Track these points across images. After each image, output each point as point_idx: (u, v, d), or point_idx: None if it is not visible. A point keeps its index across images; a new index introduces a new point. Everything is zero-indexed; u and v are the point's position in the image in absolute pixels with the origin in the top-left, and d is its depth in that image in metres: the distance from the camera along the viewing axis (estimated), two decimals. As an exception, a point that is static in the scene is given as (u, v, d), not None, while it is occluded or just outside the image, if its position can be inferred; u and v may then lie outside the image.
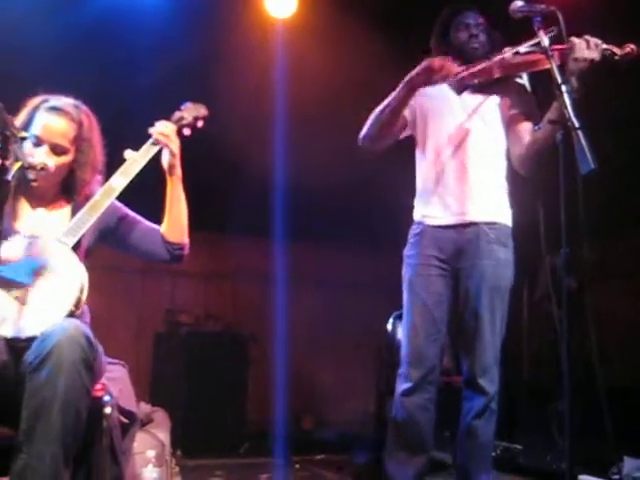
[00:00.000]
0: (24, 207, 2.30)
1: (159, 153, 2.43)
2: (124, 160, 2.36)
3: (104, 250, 2.44)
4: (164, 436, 3.46)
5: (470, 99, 2.75)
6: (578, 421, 2.02)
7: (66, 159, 2.30)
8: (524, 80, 2.78)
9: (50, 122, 2.27)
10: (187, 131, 2.51)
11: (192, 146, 2.52)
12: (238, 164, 4.71)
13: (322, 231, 5.29)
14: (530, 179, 2.70)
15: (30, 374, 1.94)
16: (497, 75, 2.61)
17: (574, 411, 2.00)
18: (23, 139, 1.84)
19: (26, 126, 2.26)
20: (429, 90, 2.71)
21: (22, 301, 2.07)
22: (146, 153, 2.39)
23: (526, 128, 2.69)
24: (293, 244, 5.36)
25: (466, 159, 2.68)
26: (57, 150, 2.26)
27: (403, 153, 2.91)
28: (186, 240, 2.47)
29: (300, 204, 4.96)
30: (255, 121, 4.53)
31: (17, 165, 1.83)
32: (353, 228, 5.40)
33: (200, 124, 2.54)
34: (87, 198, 2.31)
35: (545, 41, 2.26)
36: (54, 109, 2.29)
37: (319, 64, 4.39)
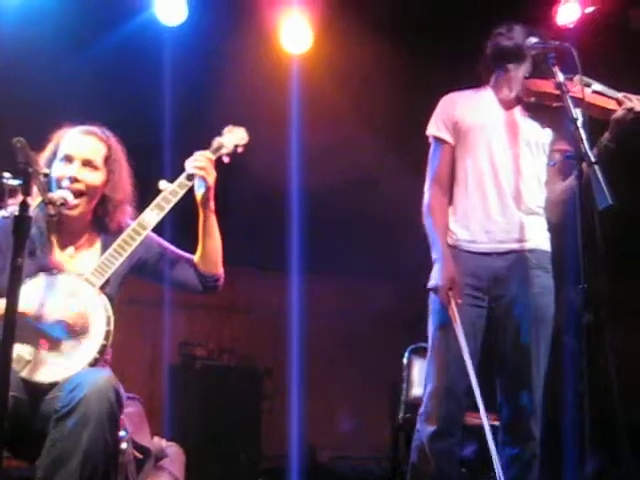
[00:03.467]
0: (54, 246, 2.26)
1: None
2: (158, 192, 2.28)
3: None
4: (178, 471, 3.43)
5: (520, 118, 2.59)
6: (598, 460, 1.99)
7: (98, 176, 2.24)
8: None
9: (80, 139, 2.26)
10: (226, 159, 2.41)
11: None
12: (254, 198, 4.74)
13: (337, 264, 5.28)
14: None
15: (55, 422, 1.94)
16: (558, 105, 2.39)
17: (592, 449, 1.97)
18: (45, 175, 1.84)
19: (54, 154, 2.24)
20: (472, 101, 2.60)
21: (46, 346, 2.05)
22: (180, 188, 2.29)
23: (562, 170, 2.57)
24: (307, 277, 5.35)
25: (509, 185, 2.53)
26: (89, 166, 2.22)
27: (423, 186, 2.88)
28: (220, 271, 2.40)
29: (315, 237, 4.96)
30: (272, 155, 4.56)
31: (37, 201, 1.84)
32: (368, 261, 5.39)
33: (240, 150, 2.44)
34: (119, 227, 2.27)
35: (560, 76, 2.27)
36: (82, 131, 2.28)
37: (335, 99, 4.43)
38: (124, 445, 2.12)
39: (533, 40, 2.43)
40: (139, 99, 4.17)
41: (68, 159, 2.21)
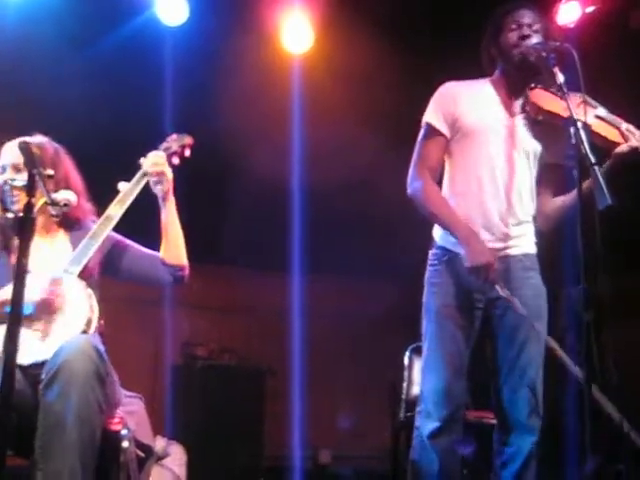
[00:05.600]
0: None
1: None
2: (118, 192, 2.46)
3: (119, 282, 2.50)
4: (180, 470, 3.46)
5: (521, 127, 2.56)
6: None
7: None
8: None
9: (7, 149, 2.43)
10: (176, 160, 2.60)
11: (210, 179, 2.55)
12: (255, 199, 4.75)
13: (339, 264, 5.29)
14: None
15: (43, 390, 1.96)
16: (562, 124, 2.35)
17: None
18: (50, 177, 1.88)
19: None
20: (475, 98, 2.56)
21: (35, 331, 2.10)
22: (137, 184, 2.47)
23: (558, 185, 2.58)
24: (309, 277, 5.36)
25: (507, 193, 2.52)
26: (18, 169, 2.35)
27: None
28: (185, 262, 2.53)
29: (317, 237, 4.97)
30: (273, 155, 4.57)
31: (40, 201, 1.86)
32: (370, 260, 5.40)
33: (187, 152, 2.64)
34: (81, 224, 2.43)
35: (560, 78, 2.26)
36: (13, 142, 2.41)
37: (336, 98, 4.44)
38: (126, 444, 2.13)
39: (533, 40, 2.43)
40: (140, 99, 4.18)
41: (3, 169, 2.40)
